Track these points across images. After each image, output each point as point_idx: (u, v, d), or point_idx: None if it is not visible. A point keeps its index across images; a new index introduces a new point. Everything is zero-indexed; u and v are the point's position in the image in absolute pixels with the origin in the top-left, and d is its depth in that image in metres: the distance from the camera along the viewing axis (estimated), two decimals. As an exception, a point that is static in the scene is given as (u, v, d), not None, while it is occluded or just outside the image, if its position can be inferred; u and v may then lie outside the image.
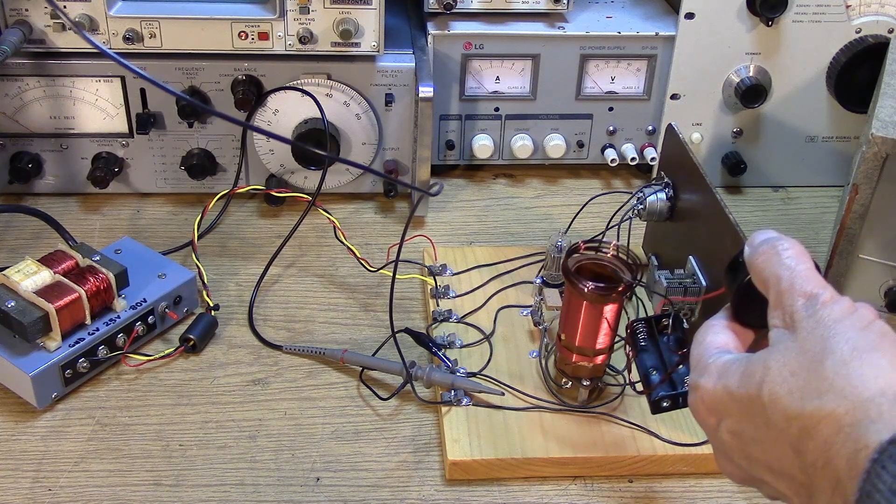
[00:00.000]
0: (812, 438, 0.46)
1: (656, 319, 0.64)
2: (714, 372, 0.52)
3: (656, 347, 0.64)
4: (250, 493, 0.71)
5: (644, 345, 0.64)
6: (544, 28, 1.03)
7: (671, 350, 0.64)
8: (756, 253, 0.54)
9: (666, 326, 0.64)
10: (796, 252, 0.52)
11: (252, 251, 0.97)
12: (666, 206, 0.86)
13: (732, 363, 0.52)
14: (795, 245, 0.53)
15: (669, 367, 0.62)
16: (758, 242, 0.54)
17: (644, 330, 0.65)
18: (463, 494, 0.72)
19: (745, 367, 0.50)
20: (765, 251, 0.53)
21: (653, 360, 0.63)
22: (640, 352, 0.64)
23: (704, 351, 0.55)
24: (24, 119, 0.97)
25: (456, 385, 0.77)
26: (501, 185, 1.11)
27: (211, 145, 1.01)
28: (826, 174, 1.12)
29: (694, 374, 0.54)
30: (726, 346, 0.55)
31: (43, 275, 0.77)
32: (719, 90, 1.06)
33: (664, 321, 0.64)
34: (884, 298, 0.88)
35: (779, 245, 0.53)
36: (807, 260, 0.52)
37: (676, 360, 0.62)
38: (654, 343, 0.64)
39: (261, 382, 0.81)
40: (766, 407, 0.48)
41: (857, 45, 1.02)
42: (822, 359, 0.47)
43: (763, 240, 0.54)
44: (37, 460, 0.73)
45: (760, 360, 0.50)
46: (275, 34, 0.93)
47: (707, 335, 0.56)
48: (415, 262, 0.95)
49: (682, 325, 0.64)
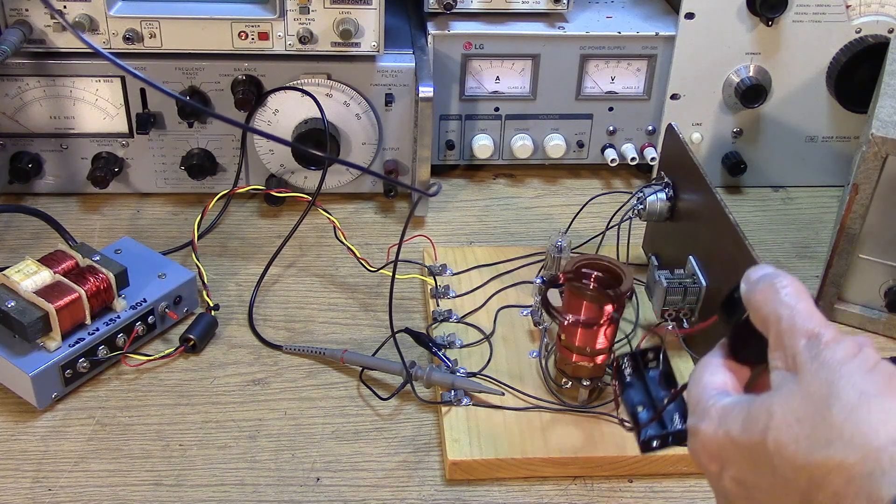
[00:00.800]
0: (822, 489, 0.44)
1: (641, 354, 0.62)
2: (715, 416, 0.50)
3: (643, 382, 0.62)
4: (250, 493, 0.71)
5: (630, 380, 0.62)
6: (544, 28, 1.03)
7: (658, 385, 0.62)
8: (753, 290, 0.51)
9: (651, 360, 0.62)
10: (795, 289, 0.50)
11: (252, 251, 0.97)
12: (666, 206, 0.86)
13: (734, 407, 0.50)
14: (794, 282, 0.51)
15: (657, 402, 0.60)
16: (755, 279, 0.52)
17: (629, 365, 0.63)
18: (463, 494, 0.72)
19: (748, 412, 0.48)
20: (762, 289, 0.51)
21: (640, 397, 0.61)
22: (626, 388, 0.62)
23: (703, 392, 0.52)
24: (24, 119, 0.97)
25: (456, 385, 0.77)
26: (501, 185, 1.11)
27: (211, 145, 1.01)
28: (826, 174, 1.12)
29: (693, 417, 0.52)
30: (724, 387, 0.52)
31: (43, 275, 0.77)
32: (719, 90, 1.06)
33: (649, 355, 0.62)
34: (884, 298, 0.88)
35: (777, 282, 0.51)
36: (806, 297, 0.50)
37: (665, 399, 0.60)
38: (641, 378, 0.62)
39: (261, 382, 0.81)
40: (771, 455, 0.46)
41: (857, 45, 1.02)
42: (828, 404, 0.45)
43: (760, 276, 0.52)
44: (37, 460, 0.73)
45: (764, 404, 0.48)
46: (275, 34, 0.93)
47: (704, 374, 0.53)
48: (415, 262, 0.95)
49: (667, 359, 0.62)
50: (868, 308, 0.90)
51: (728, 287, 0.55)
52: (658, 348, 0.61)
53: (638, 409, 0.61)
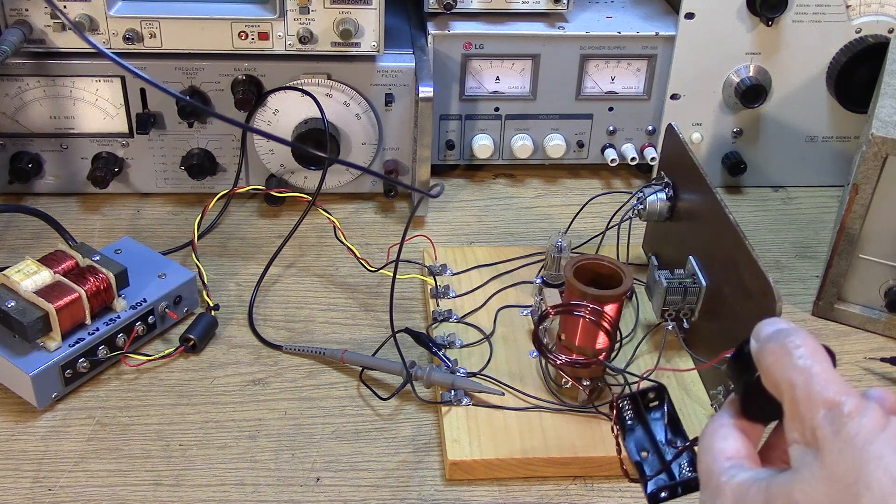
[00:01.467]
0: None
1: (642, 395, 0.59)
2: (730, 496, 0.46)
3: (645, 425, 0.59)
4: (250, 493, 0.71)
5: (631, 424, 0.59)
6: (544, 28, 1.03)
7: (662, 428, 0.59)
8: (764, 350, 0.47)
9: (652, 400, 0.59)
10: (810, 349, 0.45)
11: (252, 251, 0.97)
12: (666, 206, 0.86)
13: (750, 486, 0.45)
14: (808, 340, 0.46)
15: (661, 448, 0.58)
16: (765, 336, 0.47)
17: (630, 408, 0.59)
18: (463, 494, 0.72)
19: (766, 496, 0.44)
20: (773, 350, 0.46)
21: (643, 442, 0.58)
22: (628, 432, 0.59)
23: (714, 464, 0.48)
24: (24, 119, 0.97)
25: (456, 385, 0.77)
26: (501, 185, 1.11)
27: (211, 145, 1.01)
28: (826, 174, 1.12)
29: (705, 494, 0.48)
30: (738, 455, 0.48)
31: (43, 275, 0.77)
32: (719, 90, 1.06)
33: (650, 395, 0.59)
34: (884, 298, 0.88)
35: (789, 342, 0.46)
36: (822, 358, 0.45)
37: (669, 442, 0.58)
38: (642, 421, 0.59)
39: (261, 382, 0.81)
40: None
41: (857, 45, 1.02)
42: (856, 492, 0.40)
43: (770, 334, 0.47)
44: (37, 460, 0.73)
45: (783, 488, 0.43)
46: (275, 34, 0.93)
47: (715, 441, 0.49)
48: (415, 262, 0.95)
49: (670, 400, 0.59)
50: (868, 308, 0.90)
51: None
52: (659, 388, 0.58)
53: (643, 457, 0.57)
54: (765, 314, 0.68)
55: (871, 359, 0.86)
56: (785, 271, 0.99)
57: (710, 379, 0.78)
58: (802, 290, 0.96)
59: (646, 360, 0.82)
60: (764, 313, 0.68)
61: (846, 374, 0.85)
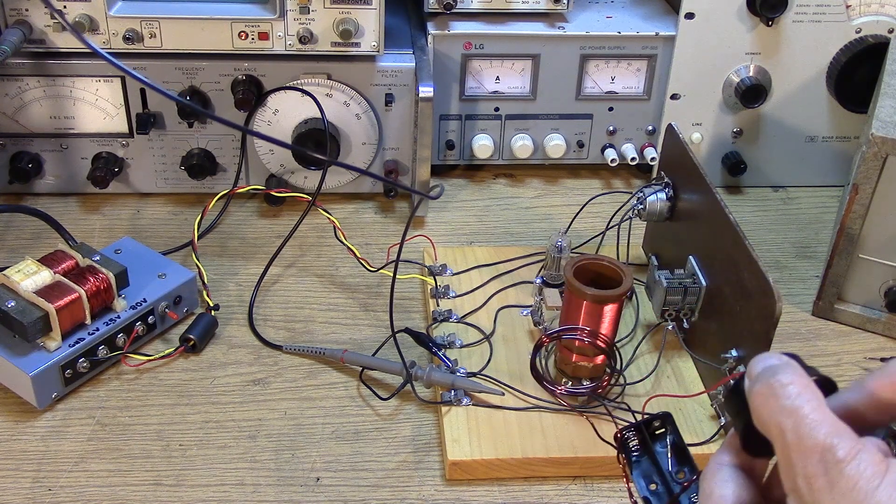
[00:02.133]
0: None
1: (646, 424, 0.57)
2: None
3: (651, 457, 0.56)
4: (250, 493, 0.71)
5: (637, 456, 0.56)
6: (544, 28, 1.03)
7: (668, 458, 0.56)
8: (753, 391, 0.43)
9: (658, 429, 0.57)
10: (799, 388, 0.41)
11: (252, 251, 0.97)
12: (666, 206, 0.86)
13: None
14: (797, 376, 0.42)
15: (669, 479, 0.55)
16: (755, 375, 0.44)
17: (635, 438, 0.57)
18: (463, 494, 0.72)
19: None
20: (761, 391, 0.42)
21: (650, 473, 0.56)
22: (635, 466, 0.56)
23: None
24: (24, 119, 0.97)
25: (456, 385, 0.77)
26: (501, 185, 1.11)
27: (211, 145, 1.01)
28: (826, 174, 1.12)
29: None
30: (739, 501, 0.44)
31: (43, 275, 0.77)
32: (719, 90, 1.06)
33: (655, 423, 0.56)
34: (884, 298, 0.88)
35: (775, 382, 0.42)
36: (812, 396, 0.41)
37: (679, 481, 0.55)
38: (649, 452, 0.56)
39: (261, 382, 0.81)
40: None
41: (857, 45, 1.02)
42: None
43: (760, 372, 0.43)
44: (37, 460, 0.72)
45: None
46: (275, 34, 0.93)
47: (715, 486, 0.45)
48: (415, 262, 0.95)
49: (677, 429, 0.57)
50: (868, 308, 0.90)
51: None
52: (664, 416, 0.56)
53: (651, 489, 0.55)
54: (765, 314, 0.68)
55: (871, 359, 0.86)
56: (785, 271, 0.99)
57: (709, 379, 0.78)
58: (802, 290, 0.96)
59: (646, 359, 0.82)
60: (764, 313, 0.68)
61: (846, 374, 0.85)
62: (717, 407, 0.76)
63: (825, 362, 0.86)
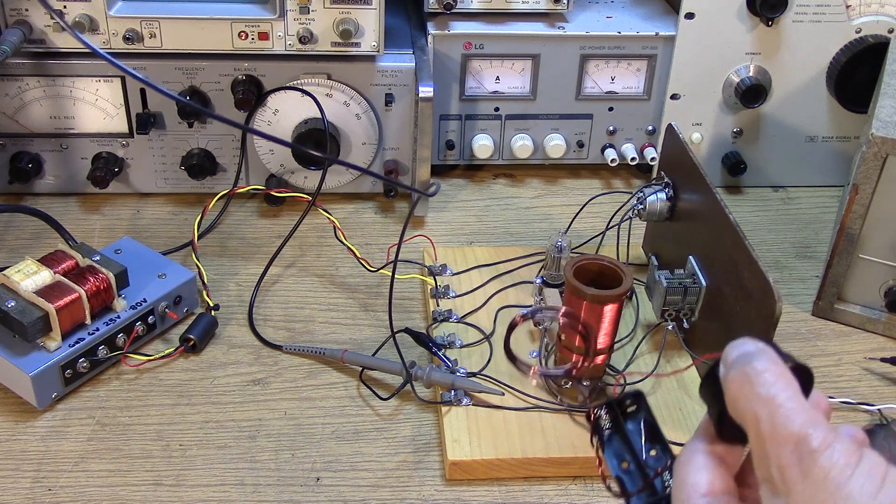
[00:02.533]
0: None
1: (618, 403, 0.56)
2: None
3: (624, 436, 0.56)
4: (250, 493, 0.71)
5: (609, 434, 0.56)
6: (544, 28, 1.03)
7: (640, 437, 0.55)
8: (728, 377, 0.43)
9: (630, 406, 0.56)
10: (774, 376, 0.41)
11: (252, 251, 0.97)
12: (666, 206, 0.86)
13: None
14: (772, 364, 0.41)
15: (641, 460, 0.55)
16: (730, 361, 0.43)
17: (608, 417, 0.56)
18: (463, 494, 0.72)
19: None
20: (736, 378, 0.42)
21: (622, 452, 0.55)
22: (607, 443, 0.56)
23: (688, 499, 0.44)
24: (24, 119, 0.97)
25: (456, 385, 0.77)
26: (501, 185, 1.11)
27: (211, 145, 1.01)
28: (826, 174, 1.12)
29: None
30: (712, 492, 0.44)
31: (43, 275, 0.77)
32: (719, 90, 1.06)
33: (627, 402, 0.56)
34: (884, 298, 0.88)
35: (750, 370, 0.41)
36: (787, 384, 0.41)
37: (651, 459, 0.54)
38: (621, 431, 0.56)
39: (261, 382, 0.81)
40: None
41: (857, 45, 1.02)
42: None
43: (735, 358, 0.43)
44: (37, 460, 0.73)
45: None
46: (275, 34, 0.93)
47: (689, 474, 0.45)
48: (415, 262, 0.95)
49: (649, 407, 0.56)
50: (868, 308, 0.90)
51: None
52: (636, 394, 0.56)
53: (623, 471, 0.54)
54: (765, 314, 0.68)
55: (871, 359, 0.86)
56: (785, 271, 0.99)
57: (710, 379, 0.78)
58: (802, 290, 0.96)
59: (646, 359, 0.82)
60: (764, 313, 0.68)
61: (846, 374, 0.85)
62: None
63: (825, 362, 0.86)
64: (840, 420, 0.80)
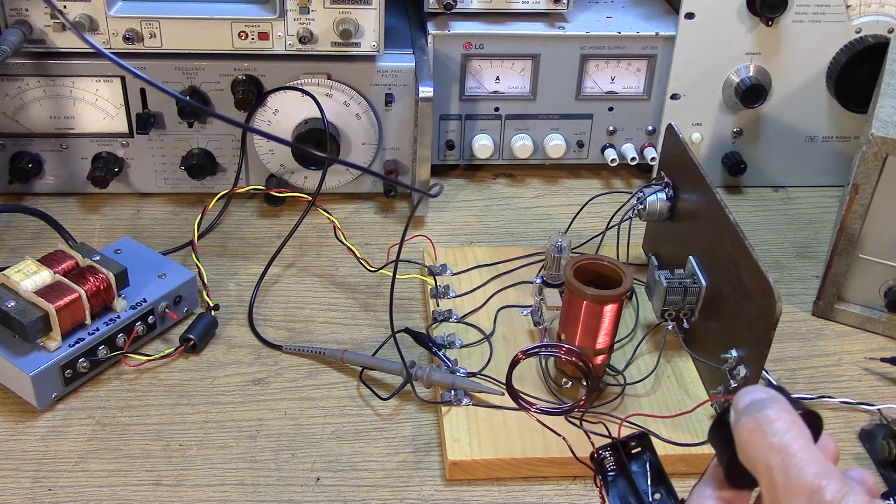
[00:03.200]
0: None
1: (623, 444, 0.55)
2: None
3: (628, 477, 0.55)
4: (250, 493, 0.71)
5: (613, 476, 0.55)
6: (544, 28, 1.03)
7: (645, 479, 0.55)
8: (739, 425, 0.43)
9: (634, 448, 0.55)
10: (786, 424, 0.41)
11: (252, 251, 0.97)
12: (666, 206, 0.86)
13: None
14: (784, 412, 0.42)
15: (646, 501, 0.54)
16: (741, 408, 0.43)
17: (611, 457, 0.55)
18: (463, 494, 0.72)
19: None
20: (748, 425, 0.42)
21: (627, 496, 0.55)
22: (611, 486, 0.55)
23: None
24: (24, 119, 0.97)
25: (456, 385, 0.77)
26: (501, 185, 1.11)
27: (211, 145, 1.01)
28: (826, 174, 1.12)
29: None
30: None
31: (43, 275, 0.77)
32: (719, 90, 1.06)
33: (632, 443, 0.55)
34: (884, 298, 0.88)
35: (762, 418, 0.42)
36: (800, 434, 0.41)
37: (653, 495, 0.54)
38: (625, 472, 0.55)
39: (261, 382, 0.81)
40: None
41: (857, 45, 1.02)
42: None
43: (746, 406, 0.43)
44: (37, 460, 0.72)
45: None
46: (275, 34, 0.93)
47: None
48: (415, 262, 0.95)
49: (654, 450, 0.55)
50: (868, 308, 0.90)
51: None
52: (642, 436, 0.55)
53: None
54: (765, 314, 0.68)
55: (871, 359, 0.86)
56: (785, 271, 0.99)
57: (709, 379, 0.78)
58: (802, 290, 0.96)
59: (646, 359, 0.82)
60: (764, 313, 0.68)
61: (846, 374, 0.85)
62: (717, 408, 0.76)
63: (825, 362, 0.86)
64: (840, 420, 0.80)
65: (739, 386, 0.71)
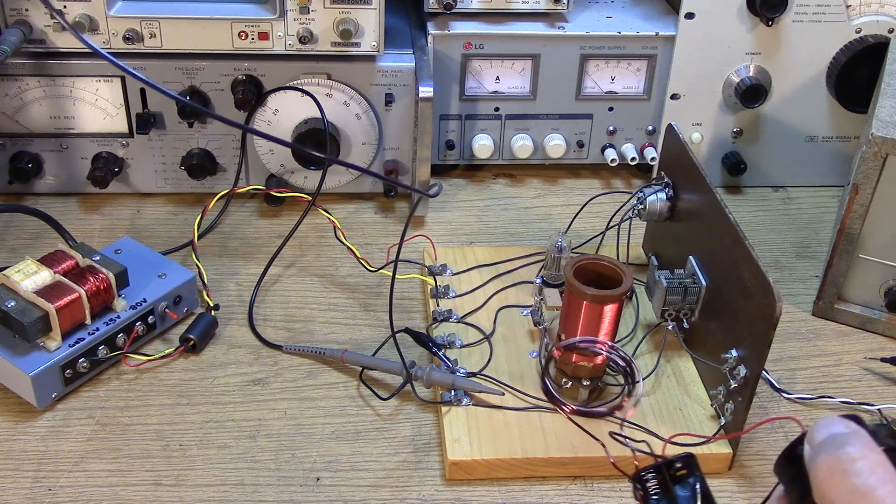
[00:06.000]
0: None
1: (667, 465, 0.51)
2: None
3: (672, 501, 0.51)
4: (250, 493, 0.71)
5: (657, 499, 0.51)
6: (544, 28, 1.03)
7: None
8: (816, 462, 0.40)
9: (680, 471, 0.51)
10: (870, 464, 0.38)
11: (252, 251, 0.97)
12: (666, 206, 0.86)
13: None
14: (867, 450, 0.39)
15: None
16: (818, 442, 0.40)
17: (655, 479, 0.52)
18: (463, 494, 0.72)
19: None
20: (826, 463, 0.39)
21: None
22: None
23: None
24: (24, 119, 0.97)
25: (456, 385, 0.77)
26: (501, 185, 1.11)
27: (211, 145, 1.01)
28: (826, 174, 1.12)
29: None
30: None
31: (43, 275, 0.77)
32: (719, 90, 1.06)
33: (677, 465, 0.51)
34: (884, 298, 0.88)
35: (843, 455, 0.39)
36: (886, 475, 0.38)
37: None
38: (669, 496, 0.51)
39: (261, 382, 0.81)
40: None
41: (857, 45, 1.02)
42: None
43: (824, 440, 0.40)
44: (37, 460, 0.73)
45: None
46: (275, 34, 0.93)
47: None
48: (415, 262, 0.95)
49: (699, 469, 0.51)
50: (868, 308, 0.90)
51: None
52: (687, 457, 0.51)
53: None
54: (765, 314, 0.68)
55: (871, 359, 0.86)
56: (785, 271, 0.99)
57: (710, 379, 0.78)
58: (802, 290, 0.96)
59: (646, 360, 0.82)
60: (764, 313, 0.68)
61: (846, 374, 0.85)
62: (717, 407, 0.76)
63: (825, 362, 0.86)
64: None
65: (739, 386, 0.71)
